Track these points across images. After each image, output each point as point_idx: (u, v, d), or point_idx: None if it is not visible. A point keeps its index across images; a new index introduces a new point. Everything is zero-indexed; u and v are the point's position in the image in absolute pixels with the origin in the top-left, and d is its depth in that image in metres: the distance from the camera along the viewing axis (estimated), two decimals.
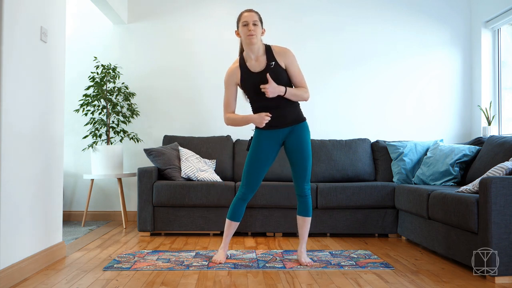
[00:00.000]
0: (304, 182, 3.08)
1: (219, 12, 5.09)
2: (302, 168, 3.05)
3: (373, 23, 5.08)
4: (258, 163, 3.05)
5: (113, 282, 2.64)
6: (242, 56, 3.10)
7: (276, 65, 3.00)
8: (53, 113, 3.15)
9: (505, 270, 2.67)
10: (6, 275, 2.51)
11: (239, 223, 3.17)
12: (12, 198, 2.59)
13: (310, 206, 3.13)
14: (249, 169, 3.06)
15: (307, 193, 3.11)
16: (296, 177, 3.08)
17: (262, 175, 3.09)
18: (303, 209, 3.13)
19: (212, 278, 2.75)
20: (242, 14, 3.03)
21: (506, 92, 4.78)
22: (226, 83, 3.12)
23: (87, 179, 4.95)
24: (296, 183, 3.10)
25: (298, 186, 3.09)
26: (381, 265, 3.05)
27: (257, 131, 3.11)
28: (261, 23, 3.04)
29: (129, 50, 5.06)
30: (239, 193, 3.10)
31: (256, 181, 3.07)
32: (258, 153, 3.05)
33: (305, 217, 3.13)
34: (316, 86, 5.02)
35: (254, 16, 2.99)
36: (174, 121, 5.04)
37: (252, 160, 3.06)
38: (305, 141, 3.06)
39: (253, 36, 2.95)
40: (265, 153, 3.06)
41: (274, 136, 3.06)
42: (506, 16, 4.52)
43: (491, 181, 2.69)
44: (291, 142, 3.06)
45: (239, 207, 3.12)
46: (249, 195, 3.10)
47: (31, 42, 2.82)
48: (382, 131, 5.04)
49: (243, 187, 3.08)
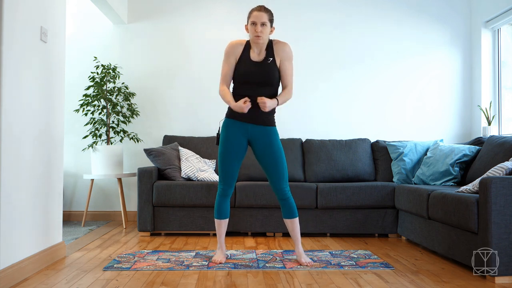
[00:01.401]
0: (282, 184, 3.07)
1: (219, 12, 5.09)
2: (276, 170, 3.04)
3: (373, 22, 5.08)
4: (230, 156, 3.05)
5: (113, 282, 2.64)
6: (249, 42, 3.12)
7: (272, 62, 3.05)
8: (53, 113, 3.15)
9: (505, 270, 2.67)
10: (6, 275, 2.51)
11: (227, 220, 3.18)
12: (12, 198, 2.58)
13: (294, 206, 3.11)
14: (223, 163, 3.07)
15: (288, 195, 3.09)
16: (273, 181, 3.07)
17: (236, 168, 3.09)
18: (288, 212, 3.11)
19: (212, 278, 2.75)
20: (252, 11, 3.03)
21: (506, 92, 4.78)
22: (227, 54, 3.11)
23: (87, 179, 4.95)
24: (274, 187, 3.08)
25: (277, 190, 3.08)
26: (381, 265, 3.05)
27: (226, 120, 3.11)
28: (271, 21, 3.04)
29: (129, 50, 5.06)
30: (219, 190, 3.12)
31: (231, 175, 3.07)
32: (229, 144, 3.05)
33: (292, 219, 3.11)
34: (316, 86, 5.03)
35: (263, 17, 2.98)
36: (174, 121, 5.04)
37: (225, 153, 3.06)
38: (273, 144, 3.05)
39: (259, 38, 2.99)
40: (235, 144, 3.05)
41: (243, 128, 3.06)
42: (506, 16, 4.52)
43: (491, 181, 2.69)
44: (260, 145, 3.06)
45: (223, 204, 3.13)
46: (228, 190, 3.11)
47: (31, 42, 2.82)
48: (382, 131, 5.04)
49: (221, 183, 3.10)
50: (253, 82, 3.03)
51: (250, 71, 3.03)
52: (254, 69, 3.03)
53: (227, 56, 3.11)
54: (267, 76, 3.02)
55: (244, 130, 3.06)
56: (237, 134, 3.06)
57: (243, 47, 3.10)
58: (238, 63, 3.09)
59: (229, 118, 3.10)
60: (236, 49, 3.10)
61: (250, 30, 3.02)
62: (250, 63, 3.05)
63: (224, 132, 3.08)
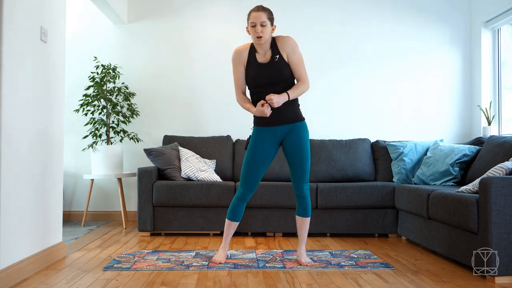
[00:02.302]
0: (303, 183, 3.07)
1: (219, 12, 5.09)
2: (301, 169, 3.04)
3: (374, 22, 5.08)
4: (256, 162, 3.04)
5: (113, 282, 2.64)
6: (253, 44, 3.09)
7: (280, 59, 3.01)
8: (53, 113, 3.15)
9: (505, 270, 2.67)
10: (6, 275, 2.51)
11: (238, 223, 3.16)
12: (12, 198, 2.58)
13: (309, 206, 3.12)
14: (247, 168, 3.05)
15: (306, 194, 3.10)
16: (295, 178, 3.07)
17: (261, 174, 3.07)
18: (302, 210, 3.12)
19: (212, 278, 2.75)
20: (250, 13, 2.99)
21: (506, 92, 4.78)
22: (234, 62, 3.11)
23: (87, 179, 4.95)
24: (295, 183, 3.08)
25: (297, 187, 3.08)
26: (381, 265, 3.05)
27: (255, 128, 3.10)
28: (271, 20, 3.00)
29: (129, 50, 5.06)
30: (238, 193, 3.10)
31: (254, 181, 3.06)
32: (256, 152, 3.03)
33: (304, 218, 3.12)
34: (316, 85, 5.02)
35: (262, 17, 2.94)
36: (174, 121, 5.04)
37: (250, 159, 3.04)
38: (303, 141, 3.04)
39: (261, 39, 2.96)
40: (263, 152, 3.04)
41: (272, 133, 3.04)
42: (506, 16, 4.52)
43: (491, 181, 2.69)
44: (289, 142, 3.05)
45: (239, 207, 3.11)
46: (248, 195, 3.09)
47: (31, 42, 2.82)
48: (382, 131, 5.04)
49: (242, 187, 3.07)
50: (264, 83, 3.00)
51: (259, 74, 3.01)
52: (263, 70, 3.01)
53: (234, 64, 3.11)
54: (276, 75, 3.00)
55: (274, 135, 3.04)
56: (266, 143, 3.04)
57: (248, 52, 3.08)
58: (247, 69, 3.07)
59: (257, 126, 3.08)
60: (241, 55, 3.08)
61: (251, 32, 2.99)
62: (258, 65, 3.03)
63: (253, 140, 3.07)
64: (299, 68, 3.05)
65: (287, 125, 3.04)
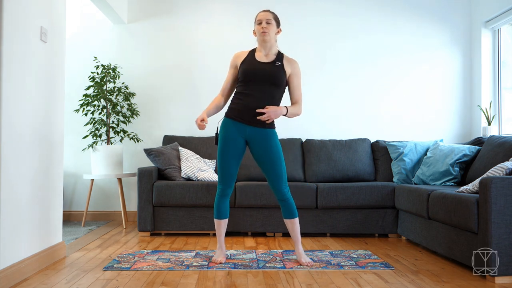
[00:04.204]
0: (282, 186, 3.07)
1: (219, 12, 5.09)
2: (273, 173, 3.04)
3: (374, 22, 5.08)
4: (228, 156, 3.05)
5: (113, 282, 2.64)
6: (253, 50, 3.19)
7: (281, 67, 3.09)
8: (53, 113, 3.15)
9: (505, 270, 2.67)
10: (6, 275, 2.51)
11: (227, 220, 3.18)
12: (12, 198, 2.59)
13: (293, 207, 3.12)
14: (221, 163, 3.07)
15: (288, 196, 3.10)
16: (272, 183, 3.07)
17: (235, 168, 3.08)
18: (288, 212, 3.11)
19: (212, 278, 2.75)
20: (258, 14, 3.15)
21: (506, 92, 4.78)
22: (230, 64, 3.22)
23: (87, 179, 4.95)
24: (274, 188, 3.08)
25: (277, 191, 3.08)
26: (381, 265, 3.05)
27: (225, 119, 3.11)
28: (277, 23, 3.13)
29: (129, 50, 5.06)
30: (218, 190, 3.13)
31: (229, 175, 3.07)
32: (226, 145, 3.05)
33: (292, 219, 3.12)
34: (316, 85, 5.02)
35: (268, 15, 3.10)
36: (174, 121, 5.04)
37: (222, 153, 3.06)
38: (272, 146, 3.04)
39: (265, 34, 3.05)
40: (233, 145, 3.05)
41: (240, 130, 3.05)
42: (506, 16, 4.52)
43: (491, 181, 2.69)
44: (256, 149, 3.07)
45: (222, 204, 3.13)
46: (227, 190, 3.11)
47: (31, 42, 2.82)
48: (382, 131, 5.04)
49: (220, 183, 3.10)
50: (259, 80, 3.03)
51: (255, 69, 3.05)
52: (260, 67, 3.05)
53: (230, 66, 3.22)
54: (271, 73, 3.03)
55: (242, 131, 3.06)
56: (235, 134, 3.06)
57: (246, 54, 3.16)
58: (242, 65, 3.11)
59: (227, 117, 3.10)
60: (238, 58, 3.17)
61: (257, 29, 3.10)
62: (256, 62, 3.09)
63: (222, 132, 3.08)
64: (298, 92, 3.16)
65: (257, 128, 3.04)
